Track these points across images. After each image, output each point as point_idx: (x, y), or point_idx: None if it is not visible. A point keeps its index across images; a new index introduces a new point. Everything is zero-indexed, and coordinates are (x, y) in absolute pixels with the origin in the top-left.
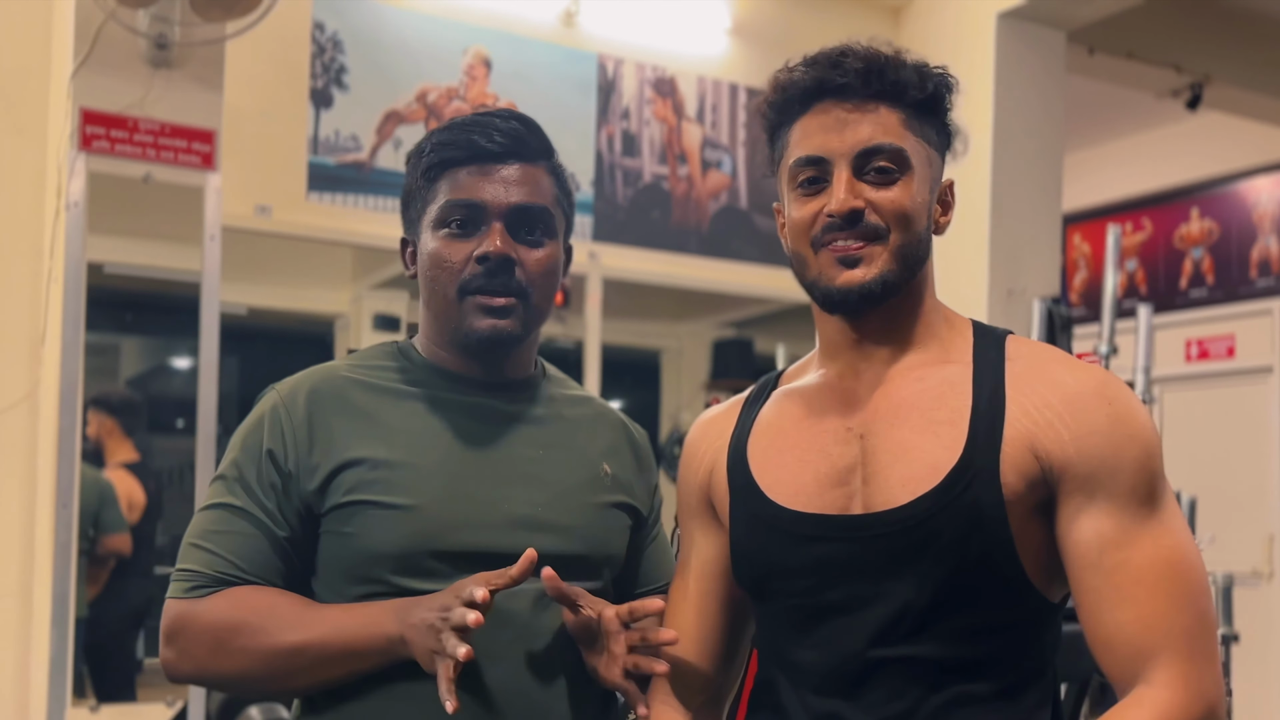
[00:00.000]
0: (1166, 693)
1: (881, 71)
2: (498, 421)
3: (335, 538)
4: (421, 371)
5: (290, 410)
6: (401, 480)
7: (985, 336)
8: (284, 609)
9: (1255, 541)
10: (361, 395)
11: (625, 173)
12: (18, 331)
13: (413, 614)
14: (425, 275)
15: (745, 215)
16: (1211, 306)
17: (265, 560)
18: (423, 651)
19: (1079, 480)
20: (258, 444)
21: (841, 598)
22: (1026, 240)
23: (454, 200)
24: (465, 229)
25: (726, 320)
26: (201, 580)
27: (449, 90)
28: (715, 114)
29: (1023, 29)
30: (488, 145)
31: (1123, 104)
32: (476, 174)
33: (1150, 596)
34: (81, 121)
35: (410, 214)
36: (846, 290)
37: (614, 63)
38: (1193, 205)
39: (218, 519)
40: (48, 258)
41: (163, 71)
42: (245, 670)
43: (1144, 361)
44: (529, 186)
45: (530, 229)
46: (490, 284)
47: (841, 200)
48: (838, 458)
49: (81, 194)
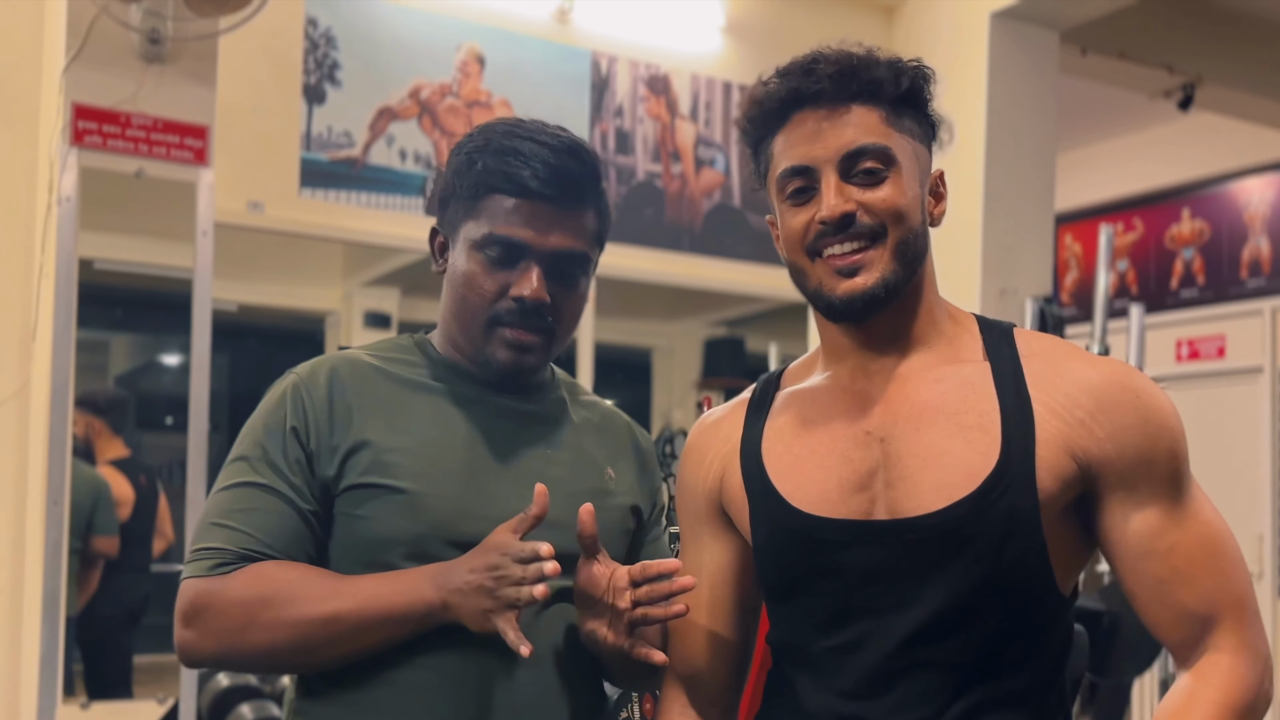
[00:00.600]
0: (1231, 657)
1: (855, 73)
2: (512, 420)
3: (348, 520)
4: (439, 368)
5: (311, 390)
6: (416, 467)
7: (992, 332)
8: (314, 579)
9: (1246, 541)
10: (381, 382)
11: (619, 170)
12: (9, 327)
13: (451, 579)
14: (456, 290)
15: (739, 213)
16: (1202, 307)
17: (293, 537)
18: (473, 613)
19: (1119, 475)
20: (280, 422)
21: (871, 602)
22: (1019, 240)
23: (496, 235)
24: (503, 262)
25: (718, 319)
26: (226, 557)
27: (442, 87)
28: (709, 112)
29: (1016, 29)
30: (535, 185)
31: (1115, 104)
32: (522, 210)
33: (1206, 573)
34: (73, 116)
35: (448, 214)
36: (850, 299)
37: (607, 60)
38: (1184, 206)
39: (241, 497)
40: (39, 253)
41: (155, 67)
42: (274, 643)
43: (1135, 361)
44: (572, 231)
45: (567, 272)
46: (521, 322)
47: (831, 206)
48: (859, 462)
49: (73, 189)
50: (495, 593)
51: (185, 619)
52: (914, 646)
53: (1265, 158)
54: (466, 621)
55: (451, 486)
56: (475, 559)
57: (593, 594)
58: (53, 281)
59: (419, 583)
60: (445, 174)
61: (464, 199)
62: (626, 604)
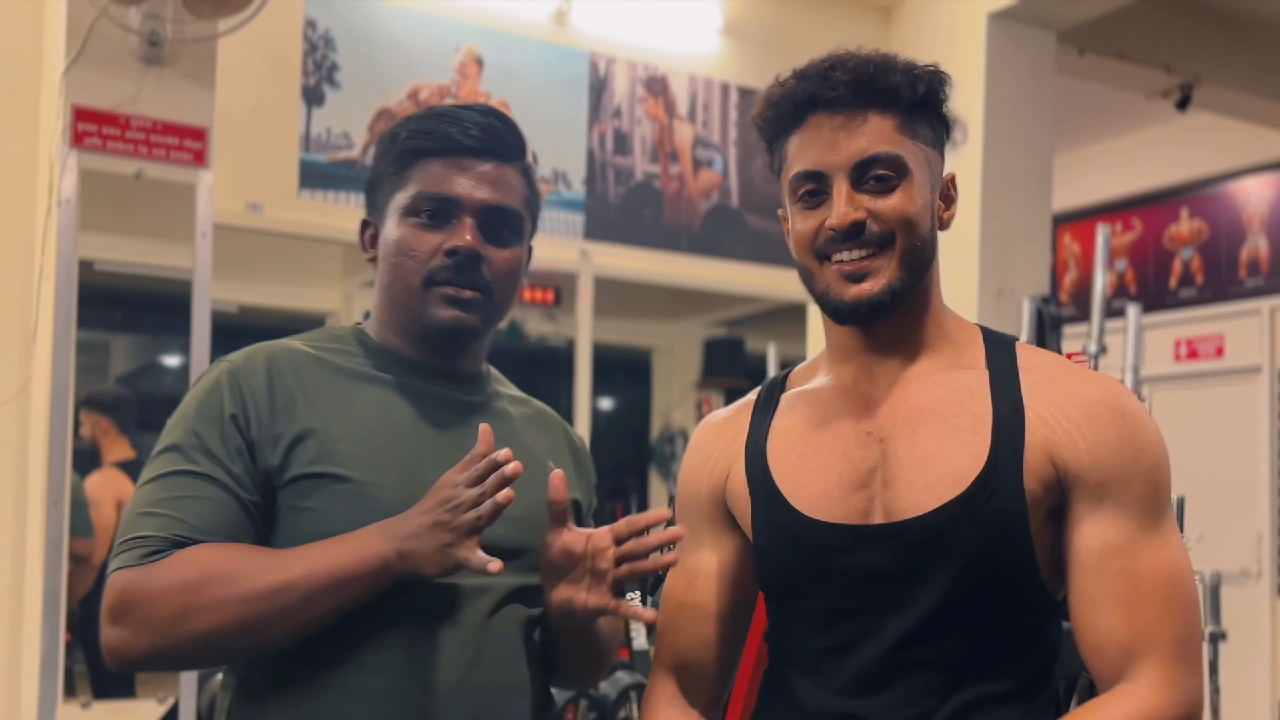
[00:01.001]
0: (1150, 691)
1: (871, 80)
2: (455, 411)
3: (293, 512)
4: (376, 356)
5: (249, 377)
6: (363, 457)
7: (995, 343)
8: (254, 554)
9: (1244, 541)
10: (320, 371)
11: (617, 171)
12: (9, 328)
13: (402, 527)
14: (389, 261)
15: (737, 214)
16: (1201, 306)
17: (232, 526)
18: (431, 552)
19: (1089, 487)
20: (217, 409)
21: (866, 603)
22: (1016, 240)
23: (426, 192)
24: (435, 220)
25: (718, 319)
26: (157, 545)
27: (441, 88)
28: (707, 113)
29: (1013, 29)
30: (464, 140)
31: (1113, 104)
32: (451, 167)
33: (1145, 604)
34: (73, 118)
35: (377, 198)
36: (856, 304)
37: (606, 61)
38: (1182, 205)
39: (174, 484)
40: (39, 255)
41: (155, 69)
42: (217, 627)
43: (1133, 361)
44: (502, 186)
45: (499, 229)
46: (457, 277)
47: (841, 214)
48: (859, 461)
49: (73, 191)
50: (451, 525)
51: (113, 615)
52: (908, 646)
53: (1263, 157)
54: (424, 564)
55: (398, 477)
56: (424, 503)
57: (568, 559)
58: (53, 283)
59: (368, 539)
60: (372, 162)
61: (390, 175)
62: (609, 563)
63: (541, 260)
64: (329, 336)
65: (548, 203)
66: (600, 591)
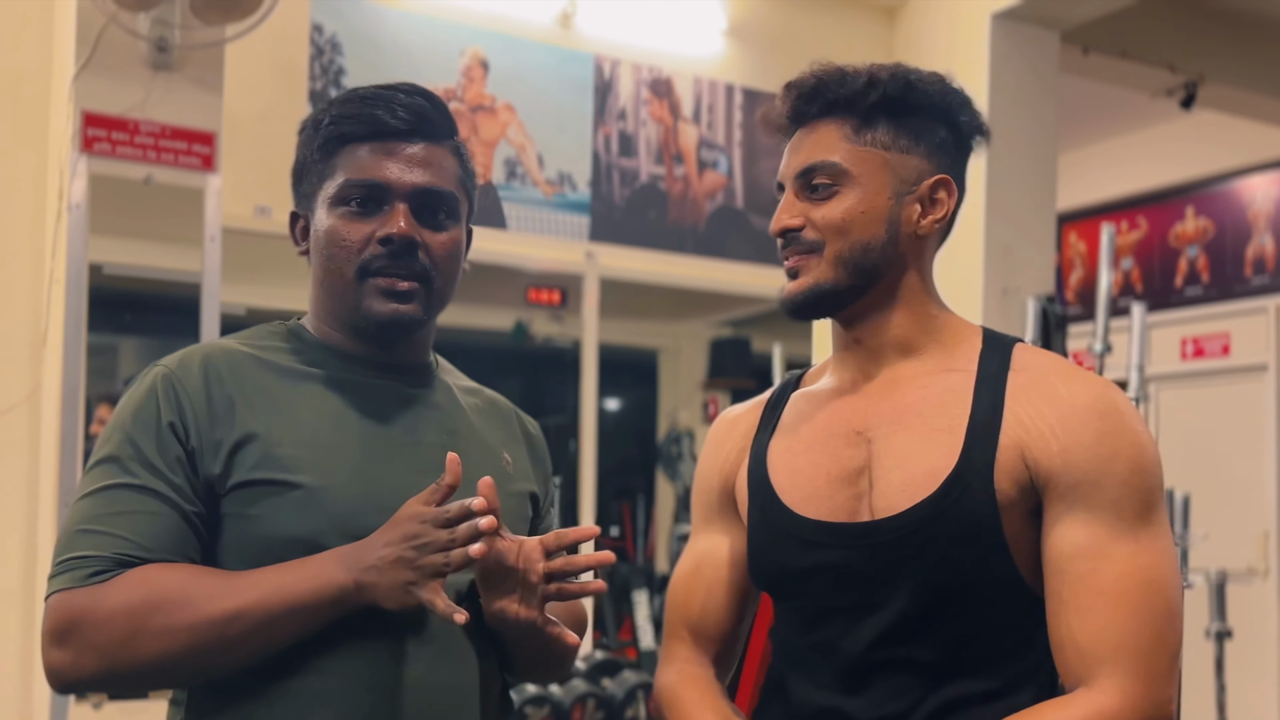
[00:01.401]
0: (1101, 697)
1: (818, 90)
2: (401, 405)
3: (239, 520)
4: (316, 352)
5: (185, 382)
6: (310, 460)
7: (993, 345)
8: (206, 577)
9: (1250, 539)
10: (260, 371)
11: (622, 173)
12: (19, 332)
13: (363, 557)
14: (321, 254)
15: (741, 215)
16: (1207, 305)
17: (176, 540)
18: (392, 588)
19: (1062, 490)
20: (153, 418)
21: (844, 601)
22: (1021, 239)
23: (355, 179)
24: (366, 208)
25: (723, 319)
26: (101, 564)
27: (446, 91)
28: (711, 114)
29: (1017, 29)
30: (392, 121)
31: (1117, 103)
32: (379, 151)
33: (1108, 609)
34: (83, 124)
35: (303, 188)
36: (790, 299)
37: (610, 63)
38: (1188, 204)
39: (113, 499)
40: (49, 259)
41: (163, 74)
42: (167, 653)
43: (1138, 359)
44: (434, 167)
45: (434, 212)
46: (393, 266)
47: (775, 220)
48: (848, 460)
49: (83, 196)
50: (416, 563)
51: (57, 637)
52: (884, 645)
53: (1268, 155)
54: (383, 600)
55: (349, 479)
56: (388, 533)
57: (500, 568)
58: (63, 287)
59: (325, 566)
60: (297, 152)
61: (316, 163)
62: (539, 576)
63: (547, 262)
64: (266, 334)
65: (553, 204)
66: (531, 604)
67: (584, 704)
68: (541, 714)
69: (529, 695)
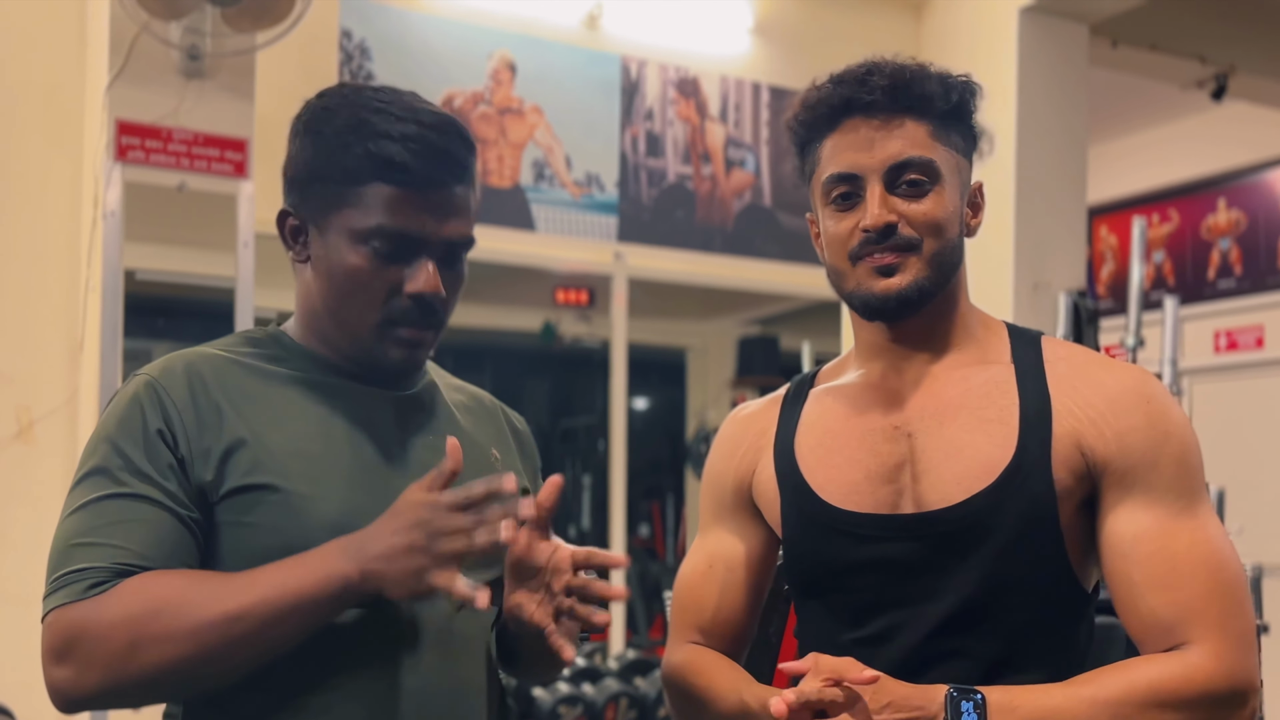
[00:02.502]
0: (1195, 657)
1: (908, 86)
2: (390, 408)
3: (234, 528)
4: (302, 360)
5: (170, 389)
6: (301, 467)
7: (1021, 338)
8: (208, 580)
9: None
10: (245, 377)
11: (649, 173)
12: (56, 338)
13: (368, 548)
14: (338, 288)
15: (769, 213)
16: (1240, 297)
17: (175, 548)
18: (402, 576)
19: (1118, 475)
20: (139, 427)
21: (900, 594)
22: (1051, 234)
23: (388, 228)
24: (394, 257)
25: (752, 318)
26: (100, 576)
27: (474, 95)
28: (738, 113)
29: (1045, 22)
30: (429, 174)
31: (1147, 95)
32: (414, 201)
33: (1185, 583)
34: (117, 132)
35: (311, 195)
36: (885, 297)
37: (637, 64)
38: (1220, 196)
39: (107, 510)
40: (85, 266)
41: (195, 82)
42: (170, 660)
43: (1170, 353)
44: (462, 215)
45: (458, 258)
46: (420, 320)
47: (875, 215)
48: (887, 455)
49: (117, 203)
50: (429, 549)
51: (57, 655)
52: (941, 636)
53: None
54: (391, 588)
55: (341, 484)
56: (392, 521)
57: (530, 566)
58: (99, 294)
59: (328, 559)
60: (300, 150)
61: (336, 183)
62: (561, 587)
63: (575, 263)
64: (246, 341)
65: (581, 205)
66: (546, 609)
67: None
68: (575, 713)
69: (562, 695)
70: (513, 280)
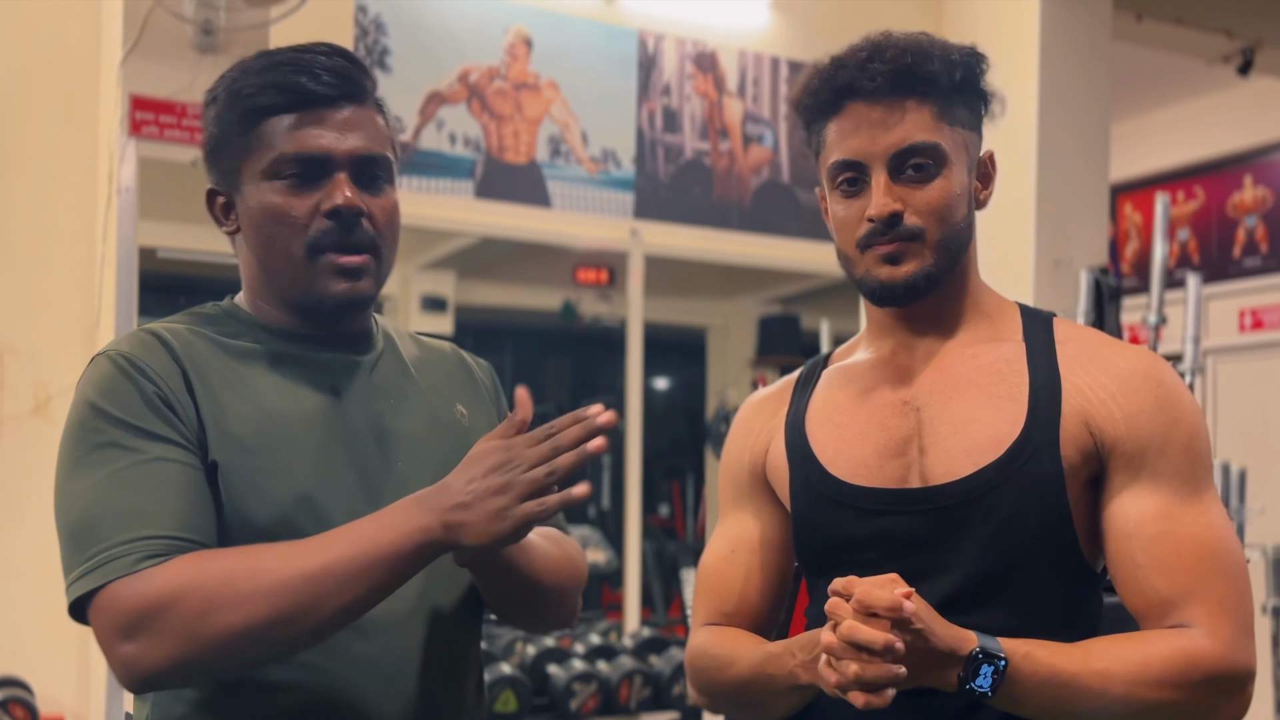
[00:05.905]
0: (1197, 635)
1: (910, 70)
2: (351, 374)
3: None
4: (255, 331)
5: (149, 358)
6: (271, 439)
7: (1032, 318)
8: (275, 546)
9: None
10: (209, 350)
11: (667, 149)
12: (73, 316)
13: (445, 499)
14: (261, 233)
15: (788, 189)
16: (1265, 275)
17: (207, 506)
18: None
19: (1127, 456)
20: (134, 395)
21: (906, 568)
22: (1073, 210)
23: (289, 153)
24: (304, 181)
25: (772, 296)
26: (153, 549)
27: (490, 70)
28: (756, 88)
29: None
30: (318, 88)
31: (1172, 71)
32: (308, 121)
33: (1187, 567)
34: (131, 107)
35: (224, 164)
36: (892, 285)
37: (654, 39)
38: (1246, 173)
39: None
40: (100, 243)
41: (209, 56)
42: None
43: (1193, 331)
44: (366, 131)
45: (372, 177)
46: (344, 240)
47: (880, 206)
48: (895, 429)
49: (132, 179)
50: (512, 486)
51: (125, 630)
52: (949, 611)
53: None
54: (473, 535)
55: (311, 455)
56: (468, 470)
57: None
58: (114, 270)
59: (404, 514)
60: (206, 126)
61: (237, 135)
62: None
63: (591, 239)
64: (202, 318)
65: (598, 181)
66: None
67: (631, 681)
68: (589, 690)
69: (576, 672)
70: (532, 259)
